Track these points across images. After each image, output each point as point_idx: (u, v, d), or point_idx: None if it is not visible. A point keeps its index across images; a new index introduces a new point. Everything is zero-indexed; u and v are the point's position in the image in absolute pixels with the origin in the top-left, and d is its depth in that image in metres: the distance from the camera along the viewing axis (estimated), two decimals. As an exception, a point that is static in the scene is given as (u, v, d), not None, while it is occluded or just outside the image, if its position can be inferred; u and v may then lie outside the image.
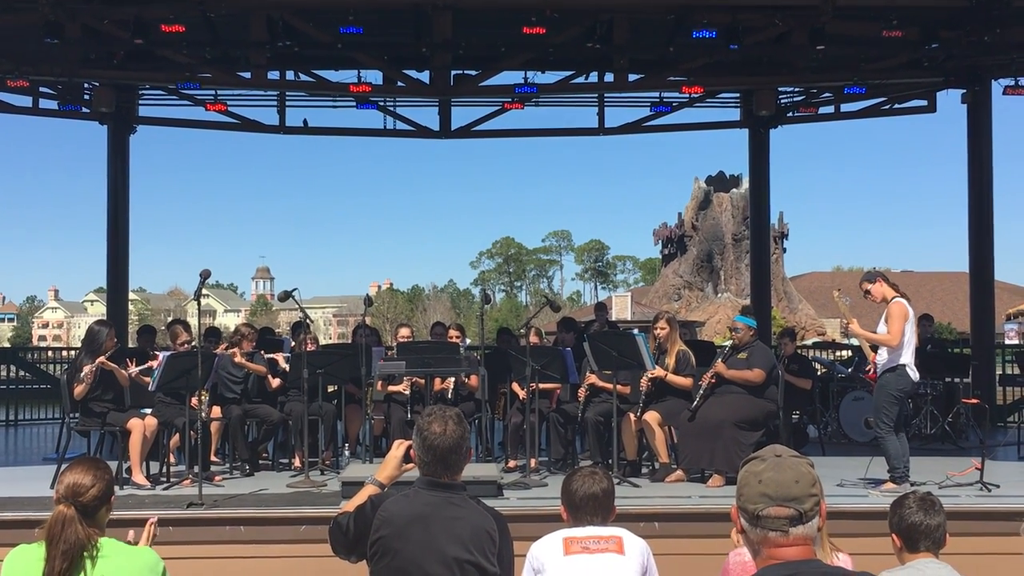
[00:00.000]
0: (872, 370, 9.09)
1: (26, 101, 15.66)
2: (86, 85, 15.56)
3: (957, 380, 13.59)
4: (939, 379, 13.26)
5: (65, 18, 12.79)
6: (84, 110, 15.84)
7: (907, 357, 8.75)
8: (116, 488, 3.89)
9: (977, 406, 12.25)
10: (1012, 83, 13.98)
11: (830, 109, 16.88)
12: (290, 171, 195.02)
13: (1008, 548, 3.54)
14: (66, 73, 13.99)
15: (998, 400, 15.21)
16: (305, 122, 17.02)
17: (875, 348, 9.08)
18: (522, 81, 14.70)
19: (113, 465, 6.23)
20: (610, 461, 9.41)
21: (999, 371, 15.79)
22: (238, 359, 10.33)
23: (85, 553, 3.55)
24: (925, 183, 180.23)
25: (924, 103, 16.22)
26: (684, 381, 9.72)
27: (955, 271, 56.16)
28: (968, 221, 15.43)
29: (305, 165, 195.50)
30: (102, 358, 9.13)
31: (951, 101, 15.42)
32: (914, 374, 8.89)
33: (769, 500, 2.52)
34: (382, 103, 16.31)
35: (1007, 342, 24.57)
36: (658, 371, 9.68)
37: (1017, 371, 14.18)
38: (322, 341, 13.14)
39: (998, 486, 8.75)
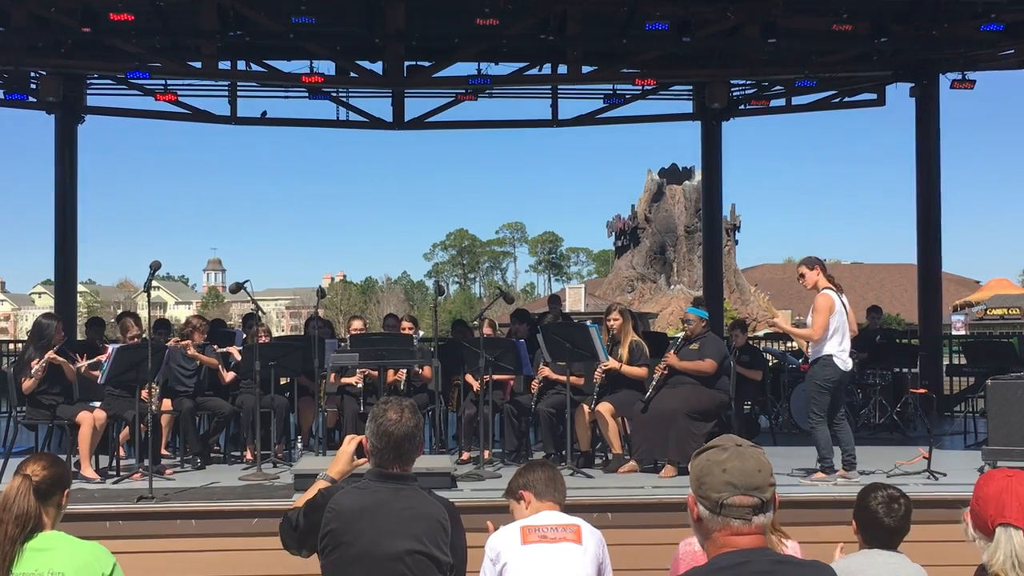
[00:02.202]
0: (806, 361, 9.19)
1: (-30, 90, 15.40)
2: (33, 74, 15.30)
3: (905, 370, 13.76)
4: (887, 369, 13.43)
5: (11, 5, 12.58)
6: (31, 99, 15.55)
7: (833, 347, 8.74)
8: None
9: (925, 396, 12.43)
10: (959, 77, 14.17)
11: (781, 102, 17.02)
12: (242, 162, 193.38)
13: (955, 536, 3.59)
14: (12, 62, 13.74)
15: (945, 390, 15.42)
16: (264, 113, 16.87)
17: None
18: (475, 72, 14.67)
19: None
20: (563, 452, 9.44)
21: (946, 361, 16.02)
22: (191, 351, 10.24)
23: (34, 544, 3.55)
24: (874, 176, 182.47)
25: (874, 97, 16.40)
26: (638, 371, 9.78)
27: (903, 263, 56.86)
28: (916, 213, 15.62)
29: (257, 156, 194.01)
30: (51, 353, 9.02)
31: (900, 95, 15.64)
32: (843, 364, 8.80)
33: (734, 489, 2.54)
34: (335, 94, 16.21)
35: (954, 333, 24.88)
36: (612, 362, 9.71)
37: (964, 361, 14.38)
38: (274, 333, 13.05)
39: (945, 475, 8.89)
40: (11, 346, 19.73)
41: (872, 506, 4.33)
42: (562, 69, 15.40)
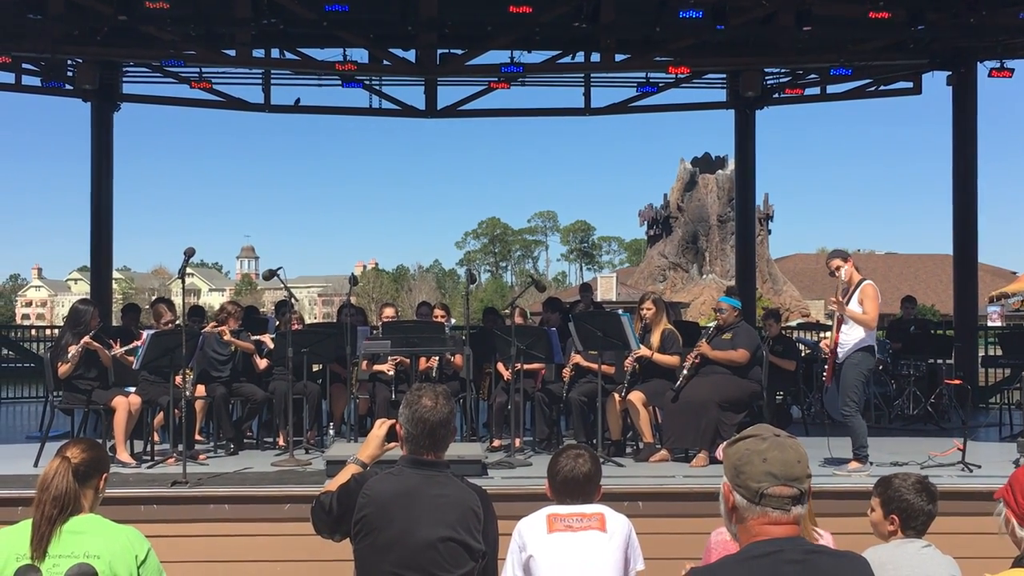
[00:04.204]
0: (832, 351, 9.03)
1: (9, 78, 15.51)
2: (69, 62, 15.43)
3: (940, 361, 13.66)
4: (922, 360, 13.33)
5: (48, -7, 12.67)
6: (67, 87, 15.69)
7: (874, 338, 8.91)
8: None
9: (960, 387, 12.32)
10: (997, 65, 13.99)
11: (816, 90, 16.88)
12: (275, 150, 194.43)
13: (988, 528, 3.58)
14: (49, 49, 13.86)
15: (980, 381, 15.30)
16: (297, 101, 16.95)
17: (838, 329, 9.05)
18: (508, 60, 14.65)
19: (97, 443, 6.23)
20: (594, 441, 9.43)
21: (982, 353, 15.87)
22: (227, 337, 10.29)
23: (71, 527, 3.58)
24: (910, 165, 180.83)
25: (910, 85, 16.23)
26: (670, 359, 9.74)
27: (939, 253, 56.38)
28: (952, 203, 15.48)
29: (291, 143, 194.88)
30: (87, 338, 9.10)
31: (937, 83, 15.47)
32: (876, 355, 9.13)
33: (774, 479, 2.53)
34: (368, 82, 16.25)
35: (990, 324, 24.69)
36: (643, 350, 9.69)
37: (999, 353, 14.25)
38: (307, 320, 13.14)
39: (979, 466, 8.81)
40: (48, 332, 19.97)
41: (916, 501, 4.32)
42: (595, 57, 15.37)
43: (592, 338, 9.53)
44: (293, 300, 10.33)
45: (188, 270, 8.63)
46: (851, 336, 8.84)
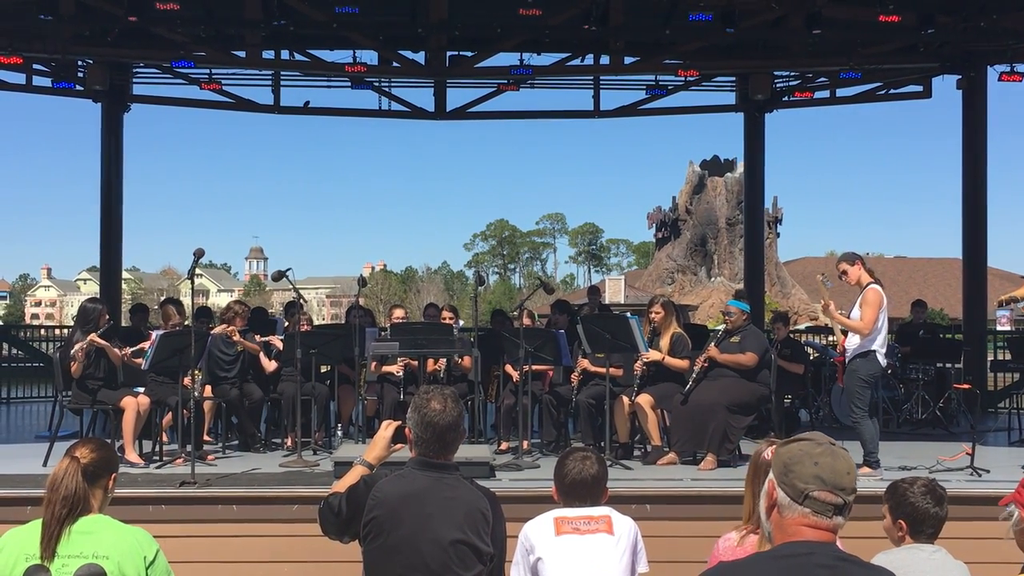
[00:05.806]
0: (841, 354, 9.05)
1: (19, 78, 15.56)
2: (80, 63, 15.48)
3: (949, 366, 13.62)
4: (931, 364, 13.29)
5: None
6: (78, 88, 15.73)
7: (878, 343, 8.76)
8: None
9: (968, 391, 12.30)
10: (1008, 69, 13.96)
11: (826, 94, 16.88)
12: (284, 151, 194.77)
13: (997, 533, 3.58)
14: (60, 50, 13.90)
15: (989, 386, 15.25)
16: (307, 103, 16.97)
17: (845, 332, 9.07)
18: (518, 63, 14.67)
19: (105, 443, 6.25)
20: (602, 443, 9.43)
21: (991, 357, 15.82)
22: (235, 337, 10.30)
23: (80, 527, 3.59)
24: (920, 168, 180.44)
25: (920, 88, 16.20)
26: (680, 363, 9.73)
27: (948, 257, 56.24)
28: (962, 207, 15.45)
29: (300, 145, 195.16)
30: (93, 336, 9.11)
31: (947, 87, 15.44)
32: (883, 360, 8.91)
33: (822, 483, 2.55)
34: (377, 84, 16.27)
35: (999, 328, 24.57)
36: (654, 354, 9.67)
37: (1008, 357, 14.21)
38: (315, 322, 13.19)
39: (988, 471, 8.78)
40: (56, 331, 20.03)
41: (920, 503, 4.30)
42: (604, 59, 15.37)
43: (600, 340, 9.52)
44: (302, 301, 10.35)
45: (197, 271, 8.66)
46: (853, 340, 8.84)
